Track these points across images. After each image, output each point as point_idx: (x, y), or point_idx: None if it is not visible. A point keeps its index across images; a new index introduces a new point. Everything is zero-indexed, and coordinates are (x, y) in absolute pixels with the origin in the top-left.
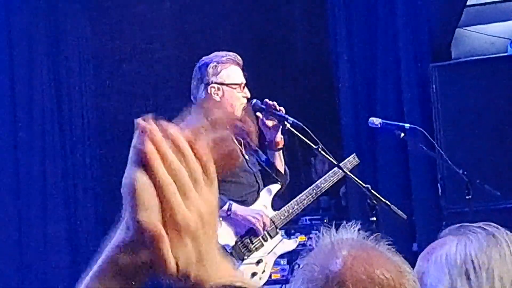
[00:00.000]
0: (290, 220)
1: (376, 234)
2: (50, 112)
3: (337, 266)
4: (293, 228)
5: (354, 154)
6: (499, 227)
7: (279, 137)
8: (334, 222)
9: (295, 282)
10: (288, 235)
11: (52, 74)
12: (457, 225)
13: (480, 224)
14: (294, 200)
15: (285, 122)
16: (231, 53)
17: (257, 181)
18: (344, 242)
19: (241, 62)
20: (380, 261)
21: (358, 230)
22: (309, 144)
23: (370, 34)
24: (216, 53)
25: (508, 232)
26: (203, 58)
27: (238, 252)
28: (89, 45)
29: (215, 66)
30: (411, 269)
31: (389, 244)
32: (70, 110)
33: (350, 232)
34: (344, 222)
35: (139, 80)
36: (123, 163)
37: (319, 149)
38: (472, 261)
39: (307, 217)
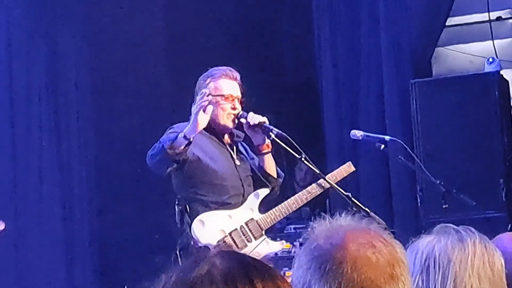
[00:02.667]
0: (275, 228)
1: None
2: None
3: (339, 237)
4: (278, 236)
5: (349, 162)
6: (476, 233)
7: (265, 141)
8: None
9: (299, 257)
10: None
11: (49, 76)
12: (445, 224)
13: (462, 227)
14: (281, 204)
15: (270, 133)
16: (225, 68)
17: (242, 186)
18: (344, 221)
19: (234, 76)
20: (378, 237)
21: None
22: (293, 154)
23: (354, 50)
24: (214, 68)
25: (481, 240)
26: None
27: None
28: (85, 56)
29: (206, 79)
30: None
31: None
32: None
33: (345, 219)
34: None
35: (132, 92)
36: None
37: (303, 159)
38: (434, 259)
39: (292, 226)
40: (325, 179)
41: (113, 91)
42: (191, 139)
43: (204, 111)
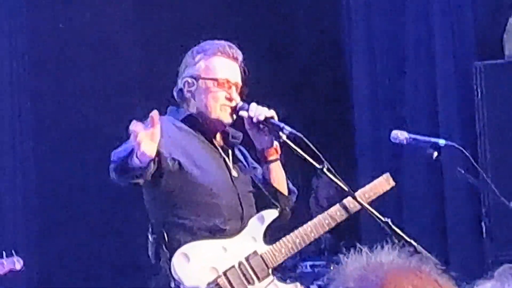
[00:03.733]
0: (286, 266)
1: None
2: None
3: (377, 280)
4: (290, 277)
5: (387, 173)
6: None
7: (272, 144)
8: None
9: None
10: None
11: None
12: (509, 265)
13: None
14: (295, 232)
15: (280, 133)
16: (224, 42)
17: (241, 205)
18: (385, 257)
19: (235, 55)
20: (431, 282)
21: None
22: (311, 162)
23: (395, 23)
24: (208, 41)
25: None
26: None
27: None
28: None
29: (195, 55)
30: None
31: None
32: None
33: (388, 254)
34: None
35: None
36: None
37: (324, 169)
38: None
39: (308, 263)
40: (354, 198)
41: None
42: (152, 158)
43: (151, 139)
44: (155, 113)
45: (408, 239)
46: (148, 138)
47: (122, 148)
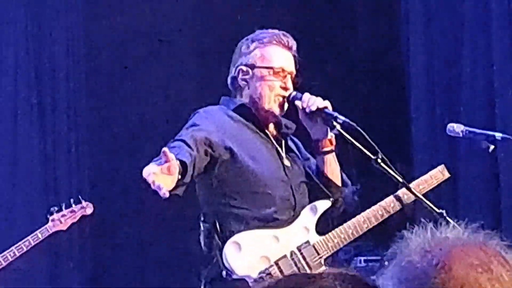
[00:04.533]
0: (339, 259)
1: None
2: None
3: (443, 253)
4: None
5: (443, 165)
6: None
7: (327, 135)
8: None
9: (384, 276)
10: None
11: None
12: None
13: None
14: (348, 223)
15: (334, 122)
16: (278, 31)
17: (294, 196)
18: (452, 233)
19: (290, 44)
20: (498, 258)
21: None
22: (365, 153)
23: (453, 13)
24: (261, 30)
25: None
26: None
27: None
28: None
29: (250, 44)
30: None
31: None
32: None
33: (451, 229)
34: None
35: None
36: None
37: (378, 160)
38: None
39: (362, 258)
40: (409, 189)
41: (115, 67)
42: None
43: (168, 172)
44: (166, 149)
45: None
46: (163, 172)
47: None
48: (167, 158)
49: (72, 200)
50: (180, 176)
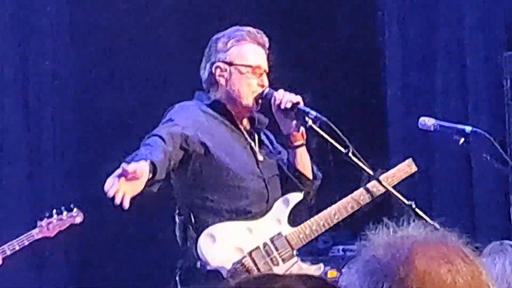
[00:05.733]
0: (317, 249)
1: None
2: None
3: (405, 248)
4: (321, 260)
5: (410, 159)
6: None
7: (299, 129)
8: None
9: (349, 270)
10: None
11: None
12: (501, 241)
13: None
14: (319, 214)
15: (306, 118)
16: (252, 29)
17: (267, 189)
18: (413, 231)
19: (264, 42)
20: (457, 251)
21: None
22: (336, 147)
23: (427, 12)
24: (236, 27)
25: None
26: (219, 33)
27: (237, 278)
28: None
29: (226, 41)
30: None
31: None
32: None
33: (413, 227)
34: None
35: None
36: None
37: (349, 154)
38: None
39: (340, 247)
40: (379, 181)
41: (99, 56)
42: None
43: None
44: (124, 166)
45: (432, 222)
46: (128, 180)
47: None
48: (126, 173)
49: (63, 208)
50: (151, 175)
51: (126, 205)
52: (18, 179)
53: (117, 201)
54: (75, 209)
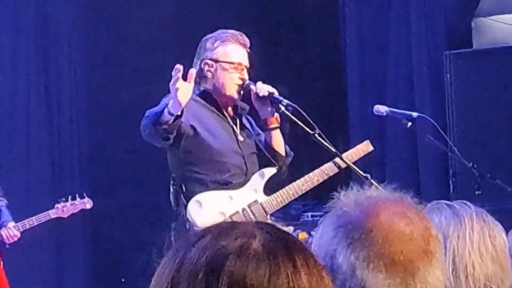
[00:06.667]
0: (290, 215)
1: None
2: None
3: (370, 205)
4: (293, 224)
5: (367, 140)
6: (472, 207)
7: (273, 114)
8: None
9: (323, 224)
10: None
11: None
12: (436, 201)
13: (456, 202)
14: (290, 185)
15: (279, 105)
16: (235, 32)
17: (245, 164)
18: (375, 192)
19: (245, 43)
20: (413, 209)
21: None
22: (305, 129)
23: (381, 17)
24: (222, 30)
25: (479, 213)
26: (208, 35)
27: None
28: (80, 24)
29: (213, 42)
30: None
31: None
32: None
33: (376, 190)
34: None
35: (135, 66)
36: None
37: (316, 135)
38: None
39: (309, 213)
40: (341, 158)
41: (110, 58)
42: (179, 113)
43: (185, 79)
44: (193, 71)
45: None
46: (184, 88)
47: (155, 108)
48: (189, 79)
49: (77, 195)
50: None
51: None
52: (42, 167)
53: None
54: (86, 198)
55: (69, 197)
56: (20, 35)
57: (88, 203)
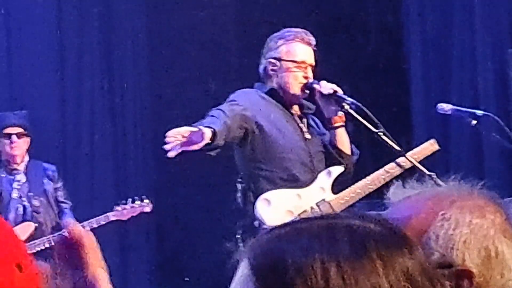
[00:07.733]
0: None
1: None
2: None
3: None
4: None
5: (433, 139)
6: None
7: (337, 114)
8: None
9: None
10: None
11: (104, 53)
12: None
13: None
14: (357, 184)
15: (343, 103)
16: (300, 30)
17: (312, 162)
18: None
19: (309, 41)
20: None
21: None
22: (369, 128)
23: (444, 15)
24: (287, 29)
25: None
26: (273, 34)
27: None
28: (143, 26)
29: (277, 41)
30: None
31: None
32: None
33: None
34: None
35: (198, 66)
36: None
37: (380, 134)
38: None
39: (373, 212)
40: (406, 157)
41: (173, 57)
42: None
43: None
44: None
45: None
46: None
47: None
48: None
49: (138, 198)
50: (210, 141)
51: (172, 154)
52: (107, 168)
53: (168, 147)
54: (146, 200)
55: (129, 200)
56: (84, 36)
57: (147, 206)
